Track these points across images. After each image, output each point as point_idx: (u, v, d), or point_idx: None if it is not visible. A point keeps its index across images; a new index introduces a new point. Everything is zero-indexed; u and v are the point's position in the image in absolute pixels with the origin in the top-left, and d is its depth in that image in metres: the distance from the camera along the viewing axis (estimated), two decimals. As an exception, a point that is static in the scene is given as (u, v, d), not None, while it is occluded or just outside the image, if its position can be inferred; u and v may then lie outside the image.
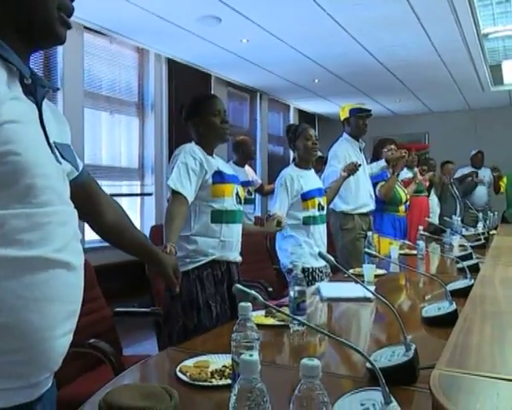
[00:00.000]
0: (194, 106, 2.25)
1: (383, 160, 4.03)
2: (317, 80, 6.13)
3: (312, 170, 3.03)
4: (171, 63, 5.24)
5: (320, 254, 1.38)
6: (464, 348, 1.12)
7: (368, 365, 1.13)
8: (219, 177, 2.15)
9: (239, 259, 2.24)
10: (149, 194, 5.16)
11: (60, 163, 0.98)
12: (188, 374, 1.19)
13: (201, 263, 2.10)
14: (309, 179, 2.91)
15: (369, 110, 3.88)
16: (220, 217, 2.13)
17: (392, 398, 0.88)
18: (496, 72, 5.74)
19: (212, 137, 2.21)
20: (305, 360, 0.69)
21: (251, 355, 0.70)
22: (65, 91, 4.08)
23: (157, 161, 5.12)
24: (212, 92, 5.51)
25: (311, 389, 0.68)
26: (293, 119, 7.99)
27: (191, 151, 2.12)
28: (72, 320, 0.96)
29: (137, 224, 5.16)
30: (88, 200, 1.23)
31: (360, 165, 3.36)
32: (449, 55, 5.03)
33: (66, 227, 0.95)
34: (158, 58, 5.14)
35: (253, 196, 4.87)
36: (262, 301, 0.86)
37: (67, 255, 0.93)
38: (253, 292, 0.85)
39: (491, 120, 7.76)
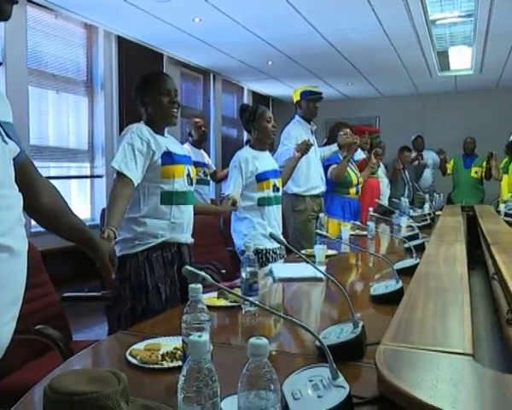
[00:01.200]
0: (142, 84, 2.19)
1: (335, 144, 4.09)
2: (270, 62, 6.12)
3: (267, 152, 3.04)
4: (122, 41, 5.08)
5: (271, 235, 1.39)
6: (408, 324, 1.16)
7: (317, 343, 1.16)
8: (169, 158, 2.10)
9: (190, 240, 2.22)
10: (100, 176, 5.03)
11: (6, 143, 0.93)
12: (138, 357, 1.18)
13: (151, 245, 2.07)
14: (264, 161, 2.91)
15: (320, 93, 3.92)
16: (170, 198, 2.10)
17: (340, 373, 0.91)
18: (443, 58, 5.92)
19: (159, 116, 2.15)
20: (252, 339, 0.70)
21: (199, 336, 0.70)
22: (7, 68, 3.88)
23: (107, 142, 4.98)
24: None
25: (259, 367, 0.68)
26: (247, 100, 7.95)
27: (138, 131, 2.07)
28: (16, 307, 0.93)
29: (87, 207, 5.03)
30: (24, 182, 1.17)
31: (312, 144, 3.40)
32: (399, 40, 5.14)
33: (10, 211, 0.91)
34: (107, 36, 4.96)
35: (208, 178, 4.85)
36: (212, 281, 0.86)
37: (10, 240, 0.89)
38: (202, 273, 0.84)
39: (438, 105, 8.02)
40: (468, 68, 6.41)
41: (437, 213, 4.49)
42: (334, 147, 4.08)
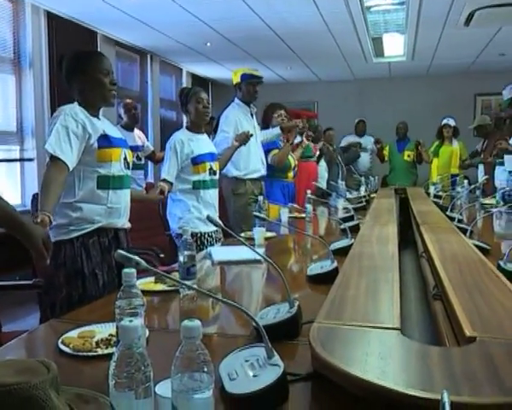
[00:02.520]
0: (78, 62, 2.08)
1: (277, 128, 4.11)
2: (209, 44, 6.04)
3: (205, 135, 3.01)
4: (52, 17, 4.82)
5: (208, 218, 1.38)
6: (341, 302, 1.20)
7: (254, 323, 1.17)
8: (105, 141, 2.03)
9: (127, 225, 2.17)
10: (30, 159, 4.78)
11: None
12: (71, 346, 1.14)
13: (87, 231, 2.00)
14: (200, 143, 2.88)
15: (261, 77, 3.92)
16: (107, 183, 2.04)
17: (275, 352, 0.92)
18: (378, 44, 6.09)
19: (98, 97, 2.07)
20: (185, 322, 0.70)
21: (130, 321, 0.69)
22: None
23: (38, 124, 4.73)
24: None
25: (192, 350, 0.68)
26: (186, 83, 7.82)
27: (72, 113, 1.98)
28: None
29: (17, 192, 4.78)
30: None
31: (252, 135, 3.40)
32: (335, 25, 5.22)
33: None
34: (35, 10, 4.69)
35: (142, 162, 4.74)
36: (146, 266, 0.85)
37: None
38: (135, 257, 0.83)
39: (373, 90, 8.26)
40: (401, 55, 6.63)
41: (372, 195, 4.65)
42: (276, 130, 4.10)
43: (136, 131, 4.76)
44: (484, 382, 0.78)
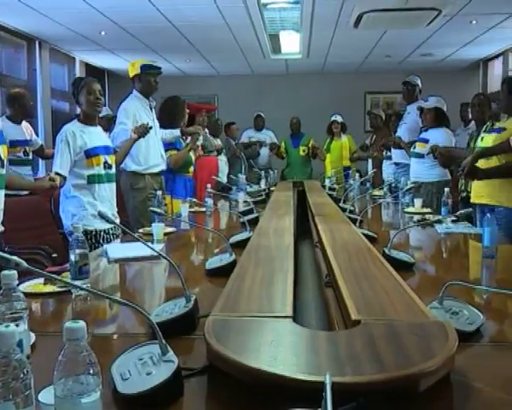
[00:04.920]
0: None
1: (178, 130, 4.06)
2: (103, 33, 5.78)
3: (99, 127, 2.88)
4: None
5: (100, 214, 1.33)
6: (237, 293, 1.22)
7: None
8: None
9: (1, 229, 2.02)
10: None
11: None
12: None
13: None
14: (94, 136, 2.76)
15: (160, 68, 3.84)
16: None
17: (169, 348, 0.91)
18: (275, 41, 6.23)
19: None
20: (67, 323, 0.66)
21: (7, 326, 0.64)
22: None
23: None
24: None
25: (77, 352, 0.65)
26: (79, 73, 7.42)
27: None
28: None
29: None
30: None
31: (151, 127, 3.32)
32: (233, 20, 5.26)
33: None
34: None
35: (30, 157, 4.42)
36: (27, 267, 0.79)
37: None
38: (15, 258, 0.77)
39: (271, 86, 8.45)
40: (297, 52, 6.85)
41: (271, 188, 4.77)
42: (176, 132, 4.05)
43: (24, 124, 4.43)
44: (366, 361, 0.83)
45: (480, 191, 3.12)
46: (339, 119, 6.35)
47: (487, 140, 3.10)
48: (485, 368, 1.03)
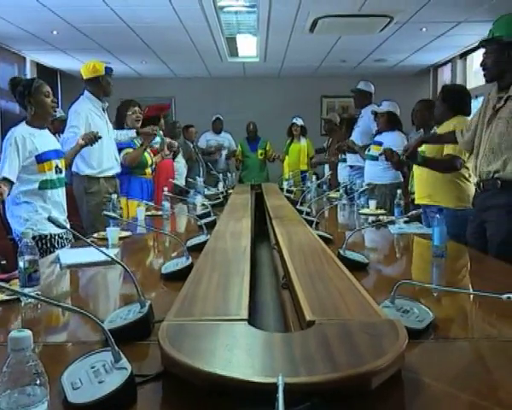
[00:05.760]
0: None
1: (133, 131, 4.00)
2: (55, 32, 5.62)
3: (47, 130, 2.80)
4: None
5: (50, 219, 1.28)
6: (193, 297, 1.21)
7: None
8: None
9: None
10: None
11: None
12: None
13: None
14: (44, 140, 2.68)
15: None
16: None
17: (122, 355, 0.90)
18: (232, 44, 6.24)
19: None
20: (12, 333, 0.64)
21: None
22: None
23: None
24: None
25: (22, 363, 0.63)
26: (30, 73, 7.17)
27: None
28: None
29: None
30: None
31: (100, 137, 3.25)
32: (190, 22, 5.23)
33: None
34: None
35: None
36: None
37: None
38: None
39: (229, 89, 8.46)
40: (254, 56, 6.88)
41: (229, 191, 4.76)
42: (132, 133, 3.99)
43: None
44: (319, 361, 0.84)
45: (421, 192, 3.27)
46: (299, 122, 6.44)
47: (428, 146, 3.24)
48: (434, 364, 1.07)
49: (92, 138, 3.16)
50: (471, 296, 1.55)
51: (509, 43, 2.38)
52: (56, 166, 2.70)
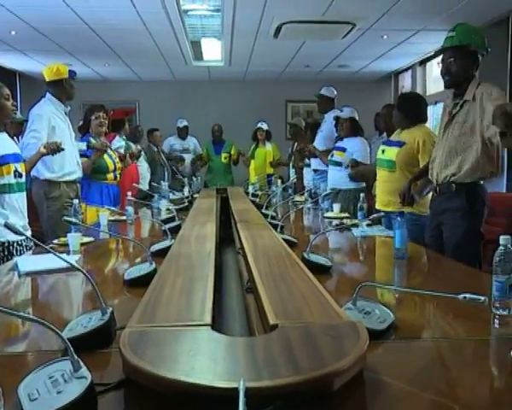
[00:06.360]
0: None
1: (84, 143, 3.95)
2: (14, 32, 5.46)
3: (5, 133, 2.72)
4: None
5: (6, 225, 1.24)
6: (155, 303, 1.20)
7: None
8: None
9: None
10: None
11: None
12: None
13: None
14: (2, 143, 2.59)
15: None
16: None
17: (82, 364, 0.88)
18: (196, 48, 6.22)
19: None
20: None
21: None
22: None
23: None
24: None
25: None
26: (-13, 74, 6.96)
27: None
28: None
29: None
30: None
31: (63, 149, 3.19)
32: (153, 25, 5.18)
33: None
34: None
35: None
36: None
37: None
38: None
39: (194, 92, 8.42)
40: (218, 60, 6.88)
41: (195, 195, 4.74)
42: (83, 146, 3.94)
43: None
44: (282, 365, 0.85)
45: (382, 199, 3.34)
46: (264, 126, 6.47)
47: (390, 153, 3.30)
48: (395, 363, 1.09)
49: (55, 149, 3.10)
50: (431, 297, 1.59)
51: (474, 51, 2.47)
52: (15, 171, 2.62)
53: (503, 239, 1.35)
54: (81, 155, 3.84)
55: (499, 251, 1.35)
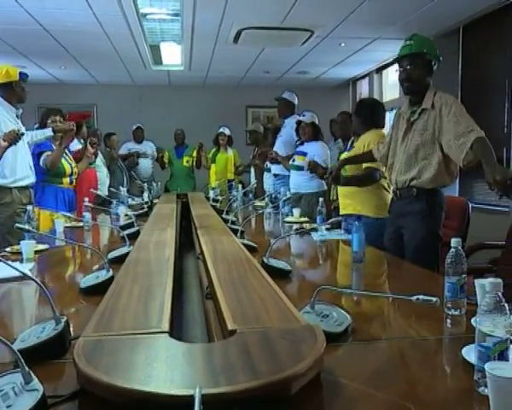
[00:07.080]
0: None
1: (50, 129, 3.83)
2: (-37, 32, 5.26)
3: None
4: None
5: (-47, 234, 1.19)
6: (112, 312, 1.17)
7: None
8: None
9: None
10: None
11: None
12: None
13: None
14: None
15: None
16: None
17: (33, 376, 0.85)
18: (156, 52, 6.14)
19: None
20: None
21: None
22: None
23: None
24: None
25: None
26: None
27: None
28: None
29: None
30: None
31: (23, 134, 3.11)
32: (111, 28, 5.09)
33: None
34: None
35: None
36: None
37: None
38: None
39: (153, 97, 8.32)
40: (178, 64, 6.82)
41: (155, 201, 4.68)
42: (49, 132, 3.82)
43: None
44: (239, 370, 0.85)
45: (344, 203, 3.40)
46: (226, 131, 6.47)
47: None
48: (352, 365, 1.11)
49: (15, 136, 3.00)
50: (388, 299, 1.63)
51: (429, 60, 2.55)
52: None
53: (454, 241, 1.40)
54: (45, 150, 3.75)
55: (450, 253, 1.40)
